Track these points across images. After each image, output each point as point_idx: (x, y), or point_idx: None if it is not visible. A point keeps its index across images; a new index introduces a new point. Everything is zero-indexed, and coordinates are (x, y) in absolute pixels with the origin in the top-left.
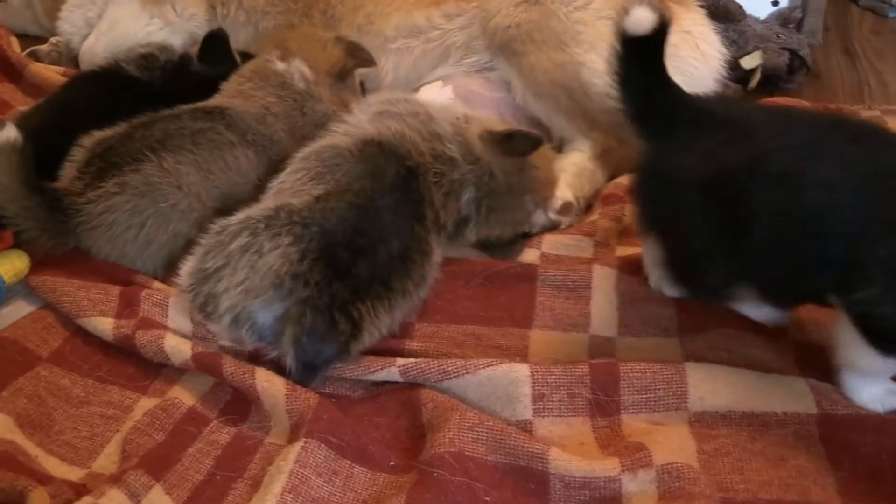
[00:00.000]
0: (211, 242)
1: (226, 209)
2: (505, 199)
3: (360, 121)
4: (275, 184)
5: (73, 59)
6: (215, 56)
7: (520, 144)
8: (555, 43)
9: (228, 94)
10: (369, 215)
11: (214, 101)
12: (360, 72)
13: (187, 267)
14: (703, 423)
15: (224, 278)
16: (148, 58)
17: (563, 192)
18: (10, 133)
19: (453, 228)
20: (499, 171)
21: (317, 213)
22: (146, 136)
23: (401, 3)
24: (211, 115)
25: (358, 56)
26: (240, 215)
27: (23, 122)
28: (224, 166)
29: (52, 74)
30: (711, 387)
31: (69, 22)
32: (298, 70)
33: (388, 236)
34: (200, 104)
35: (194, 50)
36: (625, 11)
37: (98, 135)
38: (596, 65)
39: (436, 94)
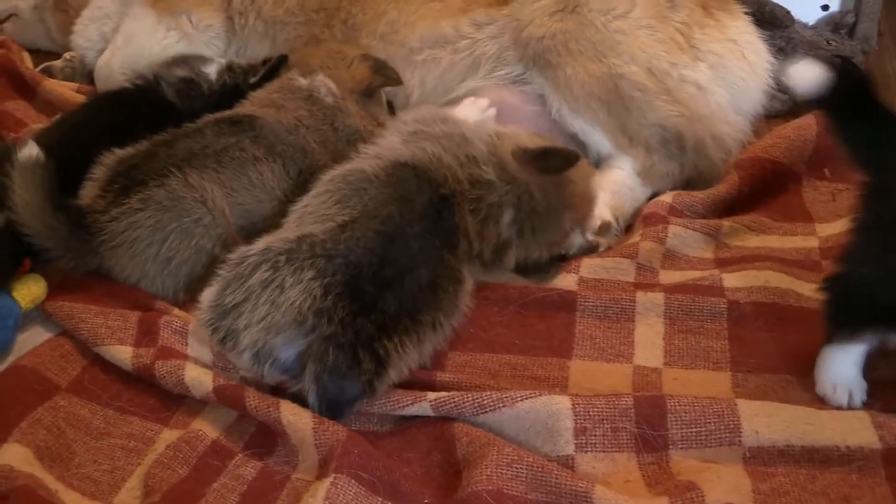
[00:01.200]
0: (230, 275)
1: (250, 226)
2: (545, 217)
3: (392, 142)
4: (298, 207)
5: (88, 75)
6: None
7: (554, 161)
8: (592, 54)
9: (259, 103)
10: (397, 244)
11: (245, 108)
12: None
13: (206, 299)
14: (759, 459)
15: (244, 314)
16: (188, 82)
17: (602, 212)
18: (32, 150)
19: (492, 255)
20: (536, 189)
21: (341, 244)
22: (170, 155)
23: (426, 10)
24: (238, 127)
25: (384, 74)
26: (259, 244)
27: (42, 139)
28: (248, 183)
29: (67, 91)
30: (766, 420)
31: (83, 37)
32: (324, 84)
33: (417, 266)
34: (229, 112)
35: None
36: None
37: (120, 153)
38: (636, 77)
39: (473, 112)
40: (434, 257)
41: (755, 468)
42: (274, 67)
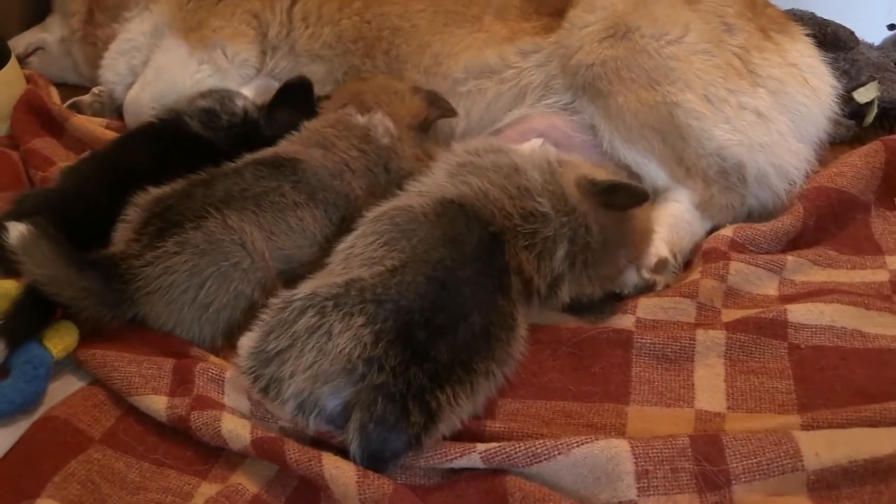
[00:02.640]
0: (274, 321)
1: (289, 270)
2: (599, 253)
3: (437, 178)
4: (342, 248)
5: (117, 110)
6: (294, 106)
7: (623, 197)
8: (645, 81)
9: (307, 140)
10: (448, 289)
11: (290, 148)
12: None
13: (247, 345)
14: (823, 482)
15: (289, 361)
16: (210, 114)
17: (659, 248)
18: (17, 229)
19: (547, 290)
20: (594, 224)
21: (391, 289)
22: (208, 196)
23: (470, 41)
24: (279, 172)
25: (440, 106)
26: (304, 289)
27: (67, 182)
28: (287, 228)
29: (96, 127)
30: (825, 441)
31: (112, 70)
32: (382, 124)
33: (469, 312)
34: (271, 152)
35: (256, 105)
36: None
37: (155, 192)
38: (692, 105)
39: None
40: (487, 302)
41: (820, 494)
42: (291, 93)
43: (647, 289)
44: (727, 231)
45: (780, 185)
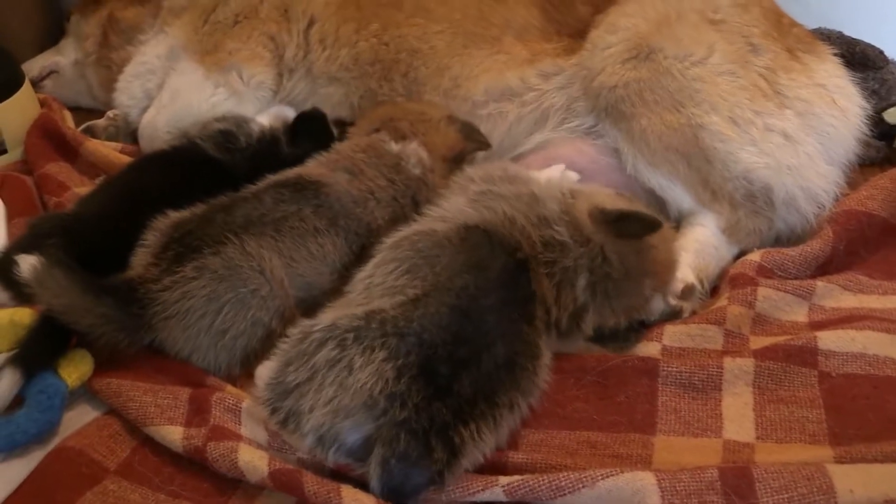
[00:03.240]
0: (293, 352)
1: (309, 298)
2: (622, 283)
3: (458, 203)
4: (362, 276)
5: (132, 134)
6: (311, 138)
7: (633, 226)
8: (669, 103)
9: (335, 163)
10: (472, 319)
11: (315, 170)
12: None
13: (265, 376)
14: None
15: (308, 394)
16: (227, 135)
17: (685, 274)
18: (28, 262)
19: (568, 323)
20: (612, 253)
21: (414, 322)
22: (227, 222)
23: (490, 63)
24: (300, 195)
25: (476, 139)
26: (324, 320)
27: (83, 208)
28: (307, 255)
29: (110, 152)
30: (860, 478)
31: (127, 94)
32: (416, 154)
33: (493, 342)
34: (295, 173)
35: (274, 127)
36: None
37: (174, 217)
38: (717, 127)
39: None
40: (511, 331)
41: None
42: (306, 124)
43: (673, 316)
44: (755, 256)
45: (809, 208)
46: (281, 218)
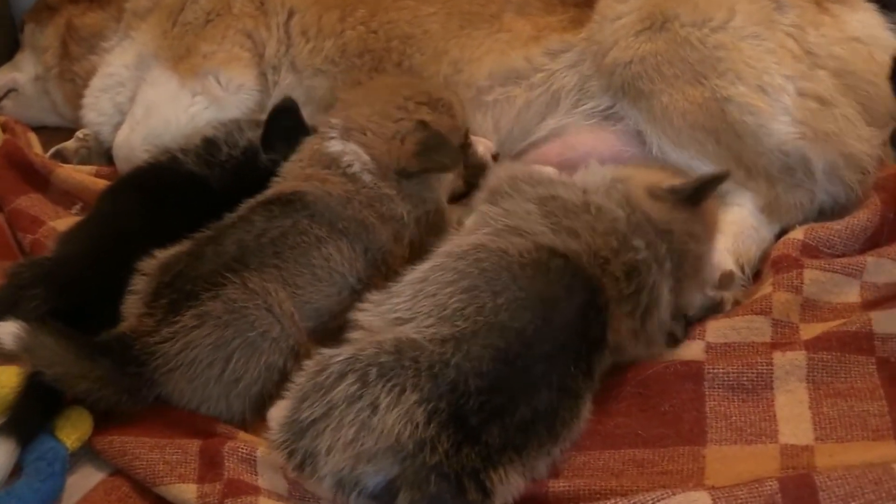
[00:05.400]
0: (308, 385)
1: (320, 326)
2: (696, 261)
3: (530, 212)
4: (414, 277)
5: (106, 154)
6: (285, 135)
7: (708, 190)
8: (691, 77)
9: (294, 179)
10: (516, 367)
11: (286, 185)
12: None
13: (278, 414)
14: None
15: (326, 432)
16: (209, 146)
17: (723, 261)
18: (9, 330)
19: (645, 349)
20: (683, 233)
21: (450, 364)
22: (219, 254)
23: (491, 43)
24: (290, 207)
25: (430, 159)
26: (344, 351)
27: (63, 250)
28: (313, 277)
29: (85, 177)
30: None
31: (96, 110)
32: (356, 157)
33: (536, 392)
34: (271, 193)
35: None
36: None
37: (161, 257)
38: (745, 98)
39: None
40: (561, 383)
41: None
42: (279, 120)
43: (714, 309)
44: (797, 234)
45: (852, 175)
46: (279, 236)
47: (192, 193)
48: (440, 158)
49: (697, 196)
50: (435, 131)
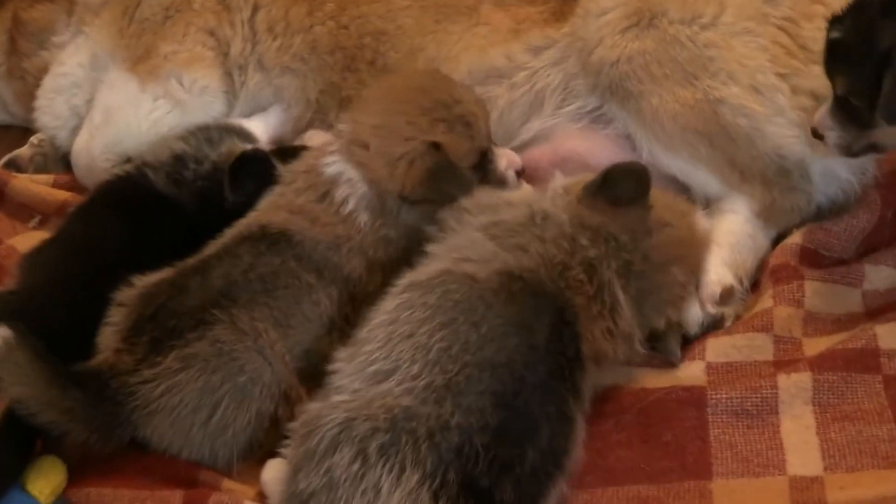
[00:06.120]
0: (300, 453)
1: (308, 367)
2: (649, 273)
3: (477, 239)
4: (381, 321)
5: (63, 159)
6: (253, 183)
7: (622, 185)
8: (681, 77)
9: (284, 209)
10: (516, 407)
11: (275, 216)
12: None
13: (272, 477)
14: None
15: None
16: (179, 162)
17: (721, 274)
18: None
19: (625, 351)
20: (622, 234)
21: (452, 429)
22: (206, 287)
23: (470, 38)
24: (276, 247)
25: (440, 190)
26: (333, 410)
27: (31, 281)
28: (303, 319)
29: (42, 188)
30: None
31: (50, 113)
32: (351, 185)
33: (538, 429)
34: (257, 224)
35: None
36: None
37: (140, 285)
38: (738, 100)
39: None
40: (556, 411)
41: None
42: (236, 173)
43: (714, 325)
44: (795, 238)
45: (850, 176)
46: (268, 274)
47: (167, 214)
48: (449, 189)
49: (607, 189)
50: (446, 160)
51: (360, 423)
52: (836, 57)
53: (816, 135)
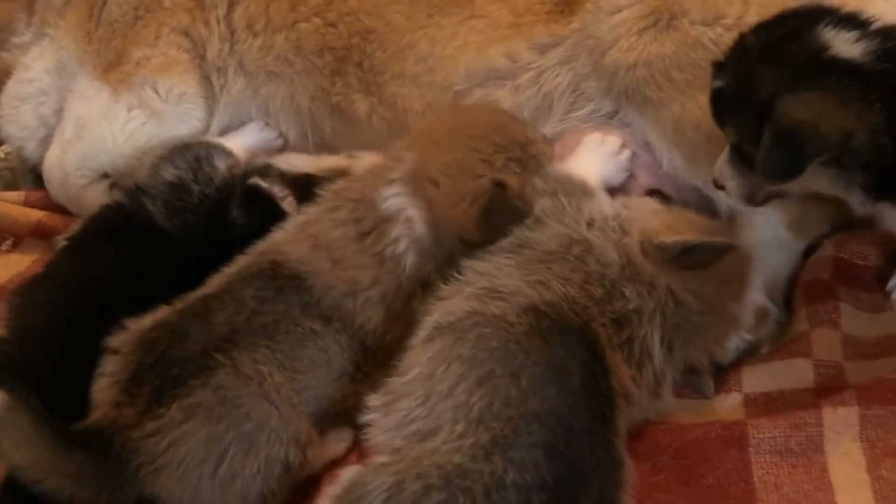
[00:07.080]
0: None
1: (319, 412)
2: (701, 321)
3: (502, 264)
4: (416, 375)
5: (33, 171)
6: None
7: (703, 256)
8: (704, 83)
9: (316, 235)
10: (568, 458)
11: (292, 250)
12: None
13: None
14: None
15: None
16: (176, 190)
17: (755, 296)
18: None
19: (649, 398)
20: (685, 293)
21: (508, 487)
22: (207, 332)
23: (466, 34)
24: (282, 292)
25: (493, 228)
26: (379, 474)
27: (22, 323)
28: (310, 363)
29: (13, 207)
30: None
31: (16, 123)
32: (410, 226)
33: (591, 477)
34: (269, 258)
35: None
36: None
37: (136, 331)
38: None
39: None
40: (606, 456)
41: None
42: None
43: (750, 352)
44: (828, 250)
45: None
46: (272, 322)
47: (167, 246)
48: (501, 226)
49: (686, 258)
50: (506, 198)
51: (411, 483)
52: (720, 106)
53: (718, 185)
